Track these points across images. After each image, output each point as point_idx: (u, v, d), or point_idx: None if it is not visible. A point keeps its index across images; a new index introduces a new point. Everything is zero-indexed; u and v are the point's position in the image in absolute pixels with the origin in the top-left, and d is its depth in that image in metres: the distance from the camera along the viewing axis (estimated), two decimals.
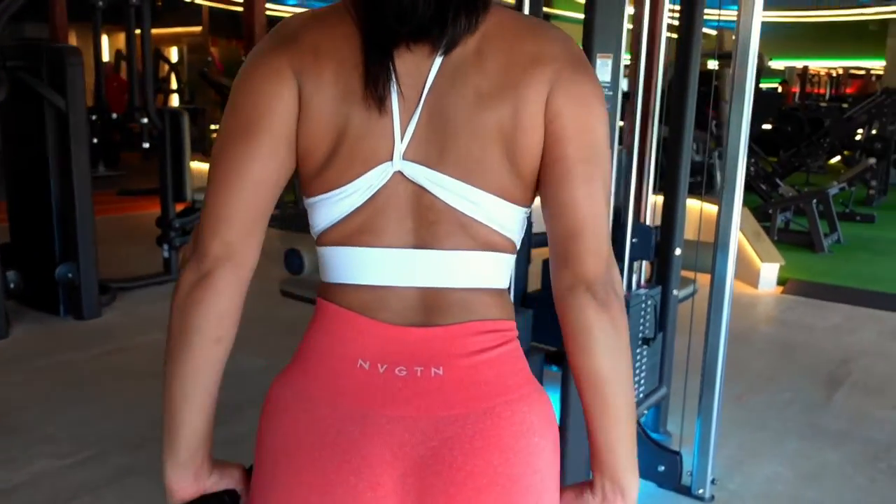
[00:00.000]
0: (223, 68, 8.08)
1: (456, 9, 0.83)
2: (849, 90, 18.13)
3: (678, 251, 2.81)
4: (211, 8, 12.90)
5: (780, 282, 5.55)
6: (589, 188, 0.87)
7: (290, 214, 7.77)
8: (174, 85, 12.53)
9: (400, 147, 0.86)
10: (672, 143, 2.81)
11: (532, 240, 2.02)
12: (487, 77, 0.85)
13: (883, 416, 3.36)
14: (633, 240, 2.57)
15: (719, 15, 2.58)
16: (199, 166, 7.03)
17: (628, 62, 2.54)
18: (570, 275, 0.88)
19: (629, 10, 2.31)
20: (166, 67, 12.17)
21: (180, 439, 0.91)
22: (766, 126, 10.91)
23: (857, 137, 10.46)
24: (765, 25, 2.43)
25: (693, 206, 3.26)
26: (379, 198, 0.87)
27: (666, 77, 2.73)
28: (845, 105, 11.81)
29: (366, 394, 0.88)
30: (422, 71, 0.85)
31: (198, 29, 13.39)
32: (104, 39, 14.46)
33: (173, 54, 14.82)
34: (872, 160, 8.53)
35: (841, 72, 18.37)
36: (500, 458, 0.87)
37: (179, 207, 5.23)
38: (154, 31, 6.22)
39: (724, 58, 9.25)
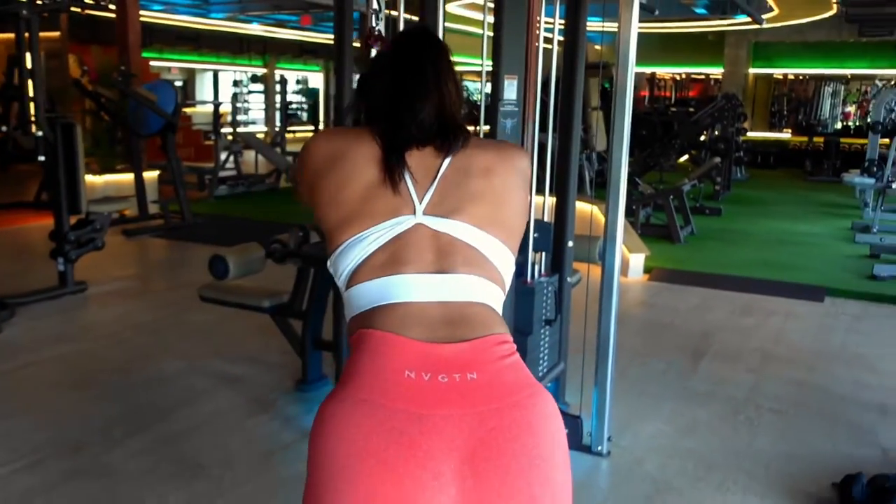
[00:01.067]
0: (98, 77, 7.87)
1: (454, 132, 1.29)
2: (691, 93, 19.80)
3: (570, 243, 3.22)
4: (69, 13, 12.34)
5: (646, 270, 6.18)
6: None
7: (174, 225, 7.75)
8: (31, 92, 11.91)
9: (420, 208, 1.24)
10: (561, 150, 3.20)
11: None
12: (498, 175, 1.30)
13: (739, 379, 3.94)
14: (535, 234, 2.94)
15: (602, 27, 2.95)
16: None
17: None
18: None
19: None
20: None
21: None
22: None
23: (702, 138, 11.55)
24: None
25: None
26: (402, 238, 1.22)
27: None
28: (691, 109, 12.95)
29: (418, 398, 1.12)
30: (433, 164, 1.27)
31: (56, 34, 12.75)
32: None
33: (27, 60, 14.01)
34: (718, 159, 9.49)
35: (684, 76, 19.98)
36: (533, 441, 1.13)
37: (73, 220, 5.17)
38: (7, 35, 5.99)
39: (589, 68, 10.01)
